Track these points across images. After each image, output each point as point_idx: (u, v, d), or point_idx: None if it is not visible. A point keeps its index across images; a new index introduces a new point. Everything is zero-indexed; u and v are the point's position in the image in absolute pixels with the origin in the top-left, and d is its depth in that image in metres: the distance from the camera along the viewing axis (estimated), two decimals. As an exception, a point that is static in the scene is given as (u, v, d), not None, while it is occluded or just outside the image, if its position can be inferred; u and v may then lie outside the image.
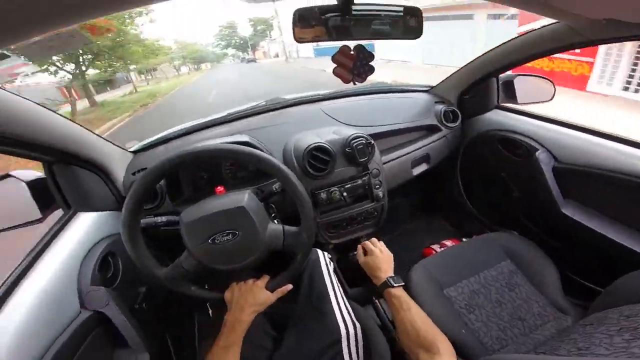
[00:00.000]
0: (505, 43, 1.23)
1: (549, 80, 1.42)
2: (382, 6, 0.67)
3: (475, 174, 1.69)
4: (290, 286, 0.89)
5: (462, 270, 1.12)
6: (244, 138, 1.16)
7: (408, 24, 0.69)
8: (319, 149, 1.16)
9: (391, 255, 1.05)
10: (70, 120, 0.92)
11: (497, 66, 1.33)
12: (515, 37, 1.18)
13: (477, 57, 1.40)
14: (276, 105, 1.51)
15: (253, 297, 0.83)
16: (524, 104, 1.44)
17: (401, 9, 0.67)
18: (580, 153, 1.14)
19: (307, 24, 0.65)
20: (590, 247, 1.13)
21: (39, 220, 0.96)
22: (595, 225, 1.09)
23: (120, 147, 1.17)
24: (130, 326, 0.86)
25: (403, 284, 0.90)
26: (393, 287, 0.88)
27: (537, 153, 1.23)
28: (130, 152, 1.21)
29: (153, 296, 1.07)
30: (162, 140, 1.28)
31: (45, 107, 0.82)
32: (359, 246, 1.11)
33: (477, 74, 1.44)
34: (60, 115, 0.88)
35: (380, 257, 1.02)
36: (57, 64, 12.46)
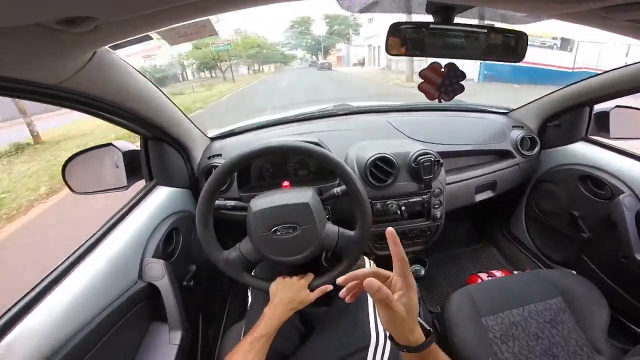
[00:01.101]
0: (610, 71, 1.13)
1: None
2: (484, 27, 0.65)
3: (543, 208, 1.56)
4: (330, 287, 0.89)
5: (506, 301, 1.07)
6: (314, 139, 1.20)
7: (509, 46, 0.67)
8: (383, 159, 1.15)
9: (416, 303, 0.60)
10: (172, 102, 1.02)
11: (595, 95, 1.22)
12: (624, 66, 1.07)
13: (573, 83, 1.29)
14: (344, 111, 1.53)
15: (293, 295, 0.85)
16: (618, 138, 1.30)
17: (505, 30, 0.65)
18: None
19: (401, 37, 0.65)
20: None
21: (125, 188, 1.08)
22: None
23: (202, 132, 1.27)
24: (175, 302, 0.91)
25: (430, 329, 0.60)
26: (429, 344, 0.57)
27: (621, 196, 1.12)
28: (208, 137, 1.31)
29: (200, 275, 1.13)
30: (237, 131, 1.37)
31: (158, 88, 0.92)
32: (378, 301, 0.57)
33: (570, 102, 1.32)
34: (167, 97, 0.99)
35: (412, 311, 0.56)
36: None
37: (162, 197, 1.09)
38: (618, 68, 1.09)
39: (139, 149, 1.10)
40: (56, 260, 0.75)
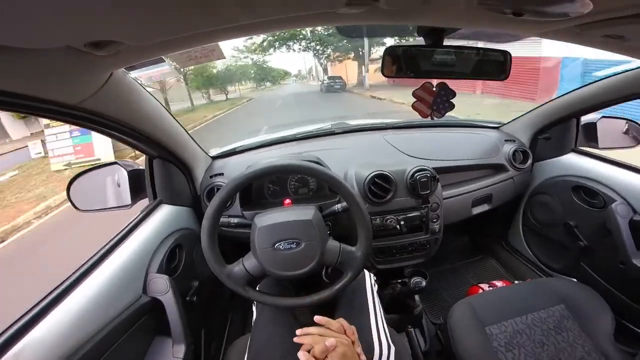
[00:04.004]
0: (595, 82, 1.18)
1: (637, 123, 1.31)
2: (470, 49, 0.70)
3: (539, 219, 1.59)
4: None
5: (509, 310, 1.08)
6: (313, 158, 1.23)
7: (495, 66, 0.71)
8: (381, 177, 1.19)
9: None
10: (178, 122, 1.06)
11: (582, 107, 1.27)
12: (608, 76, 1.12)
13: (560, 96, 1.34)
14: (342, 130, 1.58)
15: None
16: (606, 148, 1.34)
17: (490, 50, 0.70)
18: None
19: (395, 60, 0.70)
20: None
21: (128, 206, 1.10)
22: None
23: (204, 152, 1.30)
24: (178, 316, 0.92)
25: None
26: None
27: (614, 204, 1.16)
28: (210, 156, 1.34)
29: (202, 291, 1.14)
30: (239, 150, 1.40)
31: (166, 109, 0.97)
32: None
33: (558, 114, 1.37)
34: (174, 118, 1.03)
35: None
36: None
37: (165, 215, 1.11)
38: (602, 79, 1.14)
39: (142, 167, 1.13)
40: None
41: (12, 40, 0.38)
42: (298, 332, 0.75)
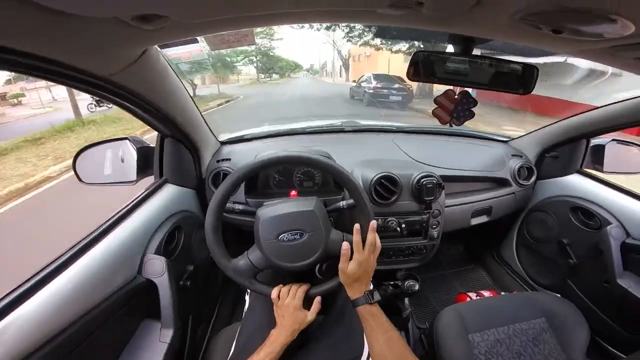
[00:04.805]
0: (611, 104, 1.18)
1: None
2: (499, 60, 0.70)
3: (533, 235, 1.62)
4: (319, 306, 0.90)
5: (493, 319, 1.10)
6: (323, 152, 1.23)
7: (522, 79, 0.72)
8: (388, 178, 1.19)
9: (375, 265, 0.89)
10: (195, 104, 1.05)
11: (595, 128, 1.28)
12: (623, 100, 1.12)
13: (573, 116, 1.35)
14: (352, 128, 1.58)
15: (293, 320, 0.85)
16: (611, 172, 1.36)
17: (517, 64, 0.71)
18: None
19: (424, 64, 0.70)
20: (635, 318, 1.13)
21: (133, 182, 1.09)
22: None
23: (215, 136, 1.30)
24: (170, 300, 0.91)
25: (380, 299, 0.84)
26: (371, 303, 0.82)
27: (609, 227, 1.19)
28: (219, 141, 1.33)
29: (196, 276, 1.14)
30: (247, 137, 1.40)
31: (186, 90, 0.96)
32: (346, 247, 0.83)
33: (569, 134, 1.38)
34: (192, 98, 1.02)
35: (370, 267, 0.85)
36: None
37: (169, 194, 1.10)
38: (617, 102, 1.15)
39: (151, 145, 1.12)
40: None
41: (62, 5, 0.37)
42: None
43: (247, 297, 1.12)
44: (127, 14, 0.42)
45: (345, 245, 0.82)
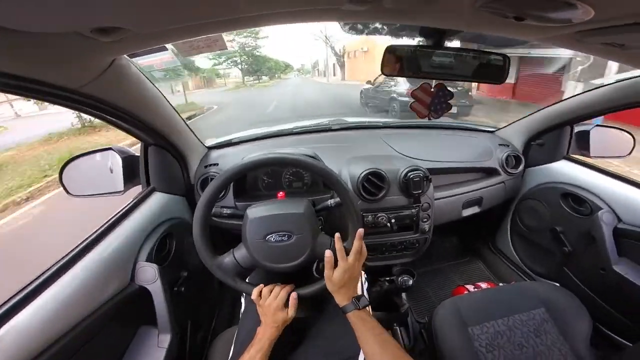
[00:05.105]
0: (591, 90, 1.20)
1: (628, 133, 1.34)
2: (471, 51, 0.71)
3: (527, 224, 1.63)
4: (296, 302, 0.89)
5: (492, 311, 1.10)
6: (309, 152, 1.24)
7: (494, 69, 0.73)
8: (375, 174, 1.19)
9: (361, 272, 0.92)
10: (175, 110, 1.05)
11: (577, 114, 1.29)
12: (604, 85, 1.14)
13: (556, 103, 1.36)
14: (339, 126, 1.59)
15: (272, 318, 0.86)
16: (597, 157, 1.37)
17: (490, 54, 0.71)
18: None
19: (396, 59, 0.70)
20: (634, 305, 1.12)
21: (120, 193, 1.09)
22: None
23: (200, 141, 1.30)
24: (165, 306, 0.92)
25: (369, 304, 0.85)
26: (359, 309, 0.82)
27: (600, 212, 1.19)
28: (206, 146, 1.34)
29: (191, 282, 1.14)
30: (235, 141, 1.40)
31: (164, 97, 0.96)
32: (329, 255, 0.84)
33: (554, 120, 1.40)
34: (172, 106, 1.03)
35: (356, 274, 0.86)
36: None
37: (158, 203, 1.10)
38: (598, 87, 1.16)
39: (136, 154, 1.12)
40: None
41: (20, 24, 0.38)
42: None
43: (242, 300, 1.12)
44: (85, 27, 0.43)
45: (328, 253, 0.83)
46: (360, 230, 0.84)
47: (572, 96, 1.27)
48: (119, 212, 0.97)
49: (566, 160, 1.46)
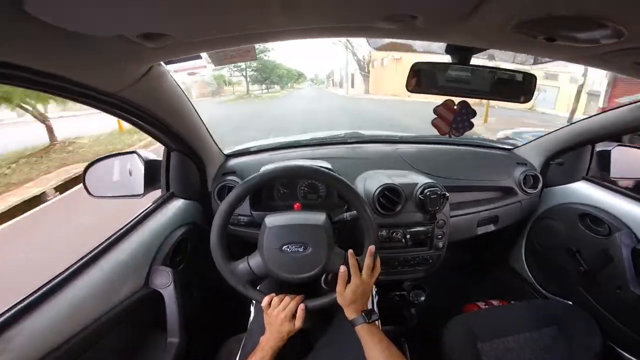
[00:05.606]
0: (615, 109, 1.18)
1: None
2: (496, 69, 0.71)
3: (542, 243, 1.59)
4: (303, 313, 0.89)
5: (503, 328, 1.09)
6: (326, 164, 1.24)
7: (518, 88, 0.73)
8: (391, 189, 1.19)
9: (372, 287, 0.92)
10: (200, 118, 1.08)
11: (599, 134, 1.26)
12: (627, 104, 1.12)
13: (577, 122, 1.33)
14: (355, 139, 1.60)
15: (279, 329, 0.86)
16: (618, 178, 1.35)
17: (515, 72, 0.71)
18: None
19: (422, 75, 0.71)
20: None
21: (140, 196, 1.11)
22: None
23: (219, 149, 1.32)
24: (176, 311, 0.92)
25: (378, 318, 0.87)
26: (368, 322, 0.83)
27: (618, 233, 1.16)
28: (224, 154, 1.36)
29: (202, 287, 1.15)
30: (252, 150, 1.42)
31: (192, 104, 0.99)
32: (343, 270, 0.84)
33: (574, 140, 1.37)
34: (197, 112, 1.05)
35: (368, 289, 0.87)
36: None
37: (176, 207, 1.12)
38: (620, 106, 1.14)
39: (158, 159, 1.14)
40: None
41: (70, 24, 0.40)
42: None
43: (252, 308, 1.12)
44: (132, 32, 0.44)
45: (342, 268, 0.84)
46: (371, 247, 0.85)
47: (594, 114, 1.26)
48: (137, 216, 0.99)
49: (585, 181, 1.43)
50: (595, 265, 1.28)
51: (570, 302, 1.30)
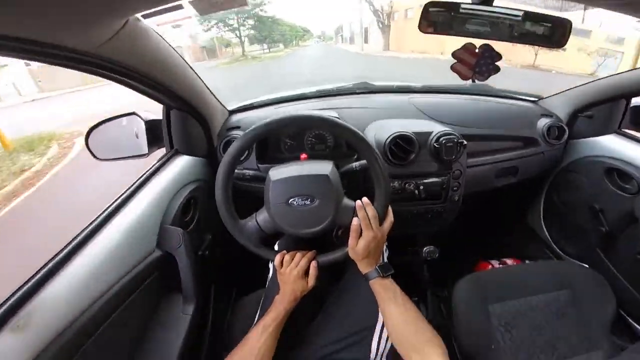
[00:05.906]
0: None
1: None
2: (523, 12, 0.61)
3: (563, 199, 1.51)
4: (316, 271, 0.89)
5: (515, 289, 1.07)
6: (333, 114, 1.17)
7: (551, 32, 0.62)
8: (404, 138, 1.12)
9: (385, 239, 0.87)
10: (195, 73, 1.02)
11: (635, 88, 1.14)
12: None
13: (613, 75, 1.20)
14: (364, 89, 1.50)
15: (292, 287, 0.86)
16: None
17: (546, 16, 0.61)
18: None
19: (438, 15, 0.62)
20: None
21: (144, 155, 1.10)
22: None
23: (222, 105, 1.27)
24: (190, 272, 0.92)
25: (393, 272, 0.83)
26: (383, 276, 0.81)
27: None
28: (227, 110, 1.31)
29: (214, 245, 1.15)
30: (257, 105, 1.36)
31: (184, 59, 0.92)
32: (356, 223, 0.80)
33: (607, 93, 1.24)
34: (192, 68, 0.99)
35: (381, 242, 0.84)
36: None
37: (181, 165, 1.10)
38: None
39: (159, 118, 1.11)
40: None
41: None
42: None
43: (270, 265, 1.13)
44: None
45: (355, 221, 0.79)
46: (365, 199, 0.81)
47: (631, 69, 1.12)
48: (142, 176, 0.97)
49: (616, 134, 1.32)
50: (618, 227, 1.22)
51: (587, 265, 1.26)
